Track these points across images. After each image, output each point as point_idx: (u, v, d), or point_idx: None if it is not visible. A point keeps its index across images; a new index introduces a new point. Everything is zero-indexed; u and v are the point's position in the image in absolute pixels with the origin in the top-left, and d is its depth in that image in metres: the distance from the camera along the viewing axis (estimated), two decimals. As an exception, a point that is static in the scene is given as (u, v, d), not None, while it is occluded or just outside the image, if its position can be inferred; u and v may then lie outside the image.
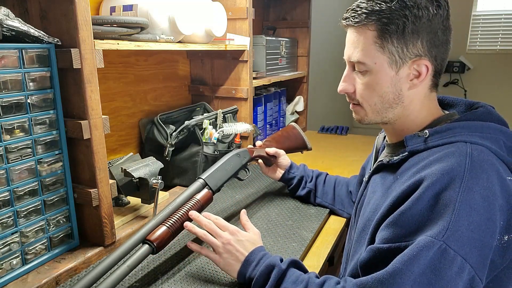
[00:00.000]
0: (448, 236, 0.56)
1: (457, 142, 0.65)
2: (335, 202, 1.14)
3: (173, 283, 0.81)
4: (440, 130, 0.68)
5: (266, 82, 1.71)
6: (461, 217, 0.57)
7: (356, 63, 0.71)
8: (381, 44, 0.68)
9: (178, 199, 0.87)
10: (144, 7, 1.06)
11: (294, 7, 2.14)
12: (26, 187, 0.77)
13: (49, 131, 0.80)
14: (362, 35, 0.69)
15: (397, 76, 0.69)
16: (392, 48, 0.67)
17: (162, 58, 1.45)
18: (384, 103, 0.72)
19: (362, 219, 0.77)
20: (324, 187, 1.17)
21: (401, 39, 0.67)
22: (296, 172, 1.20)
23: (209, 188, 0.93)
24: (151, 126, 1.30)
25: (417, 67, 0.69)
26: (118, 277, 0.71)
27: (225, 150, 1.37)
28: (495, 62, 3.36)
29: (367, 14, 0.67)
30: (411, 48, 0.67)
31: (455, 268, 0.55)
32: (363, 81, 0.72)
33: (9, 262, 0.76)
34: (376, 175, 0.79)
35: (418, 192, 0.60)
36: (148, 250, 0.77)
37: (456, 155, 0.62)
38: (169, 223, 0.81)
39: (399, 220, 0.61)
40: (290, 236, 0.99)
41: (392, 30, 0.66)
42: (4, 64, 0.71)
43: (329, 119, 3.15)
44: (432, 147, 0.67)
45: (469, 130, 0.66)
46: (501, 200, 0.59)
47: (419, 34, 0.66)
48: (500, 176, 0.61)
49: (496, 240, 0.58)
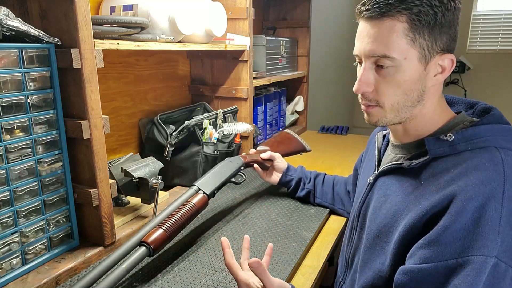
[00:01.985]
0: (498, 251, 0.54)
1: (487, 147, 0.62)
2: (334, 201, 1.14)
3: (173, 283, 0.81)
4: (467, 134, 0.64)
5: (266, 82, 1.71)
6: (507, 229, 0.55)
7: (383, 57, 0.64)
8: (413, 37, 0.62)
9: (173, 204, 0.89)
10: (144, 7, 1.06)
11: (294, 7, 2.14)
12: (26, 187, 0.77)
13: (49, 131, 0.80)
14: (389, 27, 0.63)
15: (424, 72, 0.65)
16: (423, 42, 0.63)
17: (162, 58, 1.45)
18: (407, 101, 0.67)
19: (375, 224, 0.72)
20: (323, 187, 1.17)
21: (432, 32, 0.62)
22: (294, 174, 1.20)
23: (203, 193, 0.94)
24: (151, 126, 1.30)
25: (442, 62, 0.65)
26: (115, 278, 0.72)
27: (225, 150, 1.37)
28: (495, 62, 3.36)
29: (397, 4, 0.62)
30: (439, 42, 0.64)
31: (508, 280, 0.55)
32: (387, 79, 0.66)
33: (9, 262, 0.76)
34: (386, 178, 0.74)
35: (459, 205, 0.57)
36: (145, 252, 0.78)
37: (493, 162, 0.59)
38: (165, 226, 0.82)
39: (442, 237, 0.57)
40: (290, 236, 0.99)
41: (425, 22, 0.62)
42: (4, 64, 0.71)
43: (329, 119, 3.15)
44: (460, 152, 0.64)
45: (493, 133, 0.64)
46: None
47: (447, 27, 0.63)
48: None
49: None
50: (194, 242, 0.97)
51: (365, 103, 0.70)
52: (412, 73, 0.65)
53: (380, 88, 0.67)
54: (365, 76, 0.67)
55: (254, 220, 1.08)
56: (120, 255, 0.76)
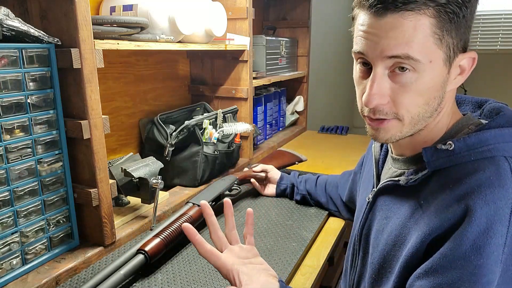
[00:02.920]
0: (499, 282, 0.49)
1: (494, 157, 0.53)
2: (328, 204, 1.14)
3: (173, 283, 0.81)
4: (470, 142, 0.55)
5: (266, 82, 1.71)
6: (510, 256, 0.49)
7: (404, 58, 0.53)
8: (441, 35, 0.52)
9: (170, 218, 0.93)
10: (144, 7, 1.06)
11: (294, 7, 2.14)
12: (26, 187, 0.77)
13: (49, 131, 0.80)
14: (413, 22, 0.51)
15: (448, 75, 0.56)
16: (450, 41, 0.53)
17: (162, 58, 1.45)
18: (427, 112, 0.57)
19: (377, 252, 0.65)
20: (316, 190, 1.17)
21: (458, 29, 0.53)
22: (286, 182, 1.22)
23: (199, 206, 0.98)
24: (151, 126, 1.30)
25: (462, 62, 0.57)
26: (113, 283, 0.73)
27: (225, 150, 1.37)
28: (495, 62, 3.36)
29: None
30: (463, 39, 0.55)
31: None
32: (407, 86, 0.54)
33: (9, 262, 0.76)
34: (386, 197, 0.66)
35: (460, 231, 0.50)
36: (142, 260, 0.80)
37: (499, 176, 0.51)
38: (162, 235, 0.85)
39: (440, 267, 0.51)
40: (290, 236, 0.99)
41: (453, 19, 0.52)
42: (4, 64, 0.71)
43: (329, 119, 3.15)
44: (461, 163, 0.55)
45: (502, 139, 0.55)
46: None
47: (470, 21, 0.55)
48: None
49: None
50: (194, 242, 0.97)
51: (376, 116, 0.58)
52: (436, 78, 0.55)
53: (397, 98, 0.55)
54: (380, 85, 0.55)
55: (254, 220, 1.07)
56: (118, 264, 0.79)
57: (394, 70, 0.55)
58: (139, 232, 1.00)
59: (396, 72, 0.55)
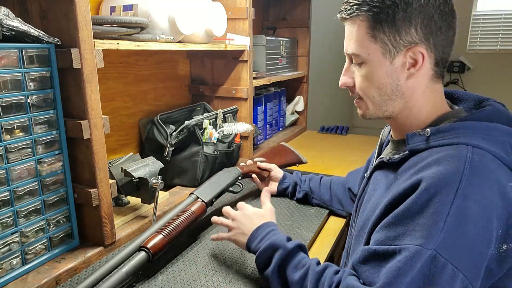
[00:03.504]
0: (439, 244, 0.55)
1: (459, 144, 0.62)
2: (332, 202, 1.15)
3: (173, 283, 0.81)
4: (443, 129, 0.65)
5: (266, 82, 1.71)
6: (454, 225, 0.55)
7: (352, 55, 0.70)
8: (373, 34, 0.66)
9: (172, 211, 0.91)
10: (144, 7, 1.06)
11: (294, 7, 2.14)
12: (26, 187, 0.77)
13: (49, 131, 0.80)
14: (355, 26, 0.69)
15: (392, 65, 0.67)
16: (384, 37, 0.66)
17: (162, 58, 1.45)
18: (383, 95, 0.70)
19: (362, 216, 0.76)
20: (320, 188, 1.18)
21: (393, 27, 0.65)
22: (289, 181, 1.22)
23: (202, 201, 0.97)
24: (151, 126, 1.30)
25: (413, 54, 0.66)
26: (116, 282, 0.73)
27: (225, 150, 1.37)
28: (495, 62, 3.36)
29: (358, 5, 0.67)
30: (404, 35, 0.65)
31: (445, 277, 0.54)
32: (360, 73, 0.71)
33: (9, 262, 0.76)
34: (378, 172, 0.77)
35: (414, 196, 0.59)
36: (144, 257, 0.79)
37: (456, 158, 0.59)
38: (165, 231, 0.84)
39: (392, 223, 0.61)
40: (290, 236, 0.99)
41: (383, 19, 0.65)
42: (4, 64, 0.71)
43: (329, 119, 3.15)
44: (433, 147, 0.64)
45: (473, 131, 0.63)
46: (500, 208, 0.57)
47: (411, 20, 0.64)
48: (501, 184, 0.58)
49: (494, 249, 0.57)
50: (194, 242, 0.97)
51: (352, 95, 0.77)
52: (378, 68, 0.68)
53: (357, 82, 0.73)
54: (345, 71, 0.75)
55: (254, 220, 1.07)
56: (120, 259, 0.78)
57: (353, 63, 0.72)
58: (139, 232, 1.00)
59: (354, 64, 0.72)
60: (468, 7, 3.37)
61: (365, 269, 0.62)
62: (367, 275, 0.61)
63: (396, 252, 0.58)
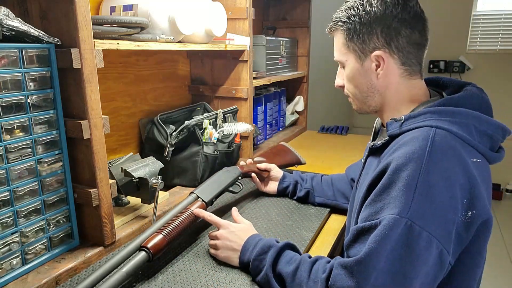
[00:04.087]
0: (411, 213, 0.62)
1: (424, 127, 0.70)
2: (336, 197, 1.15)
3: (173, 283, 0.81)
4: (414, 115, 0.73)
5: (266, 82, 1.71)
6: (423, 196, 0.63)
7: (337, 61, 0.85)
8: (347, 44, 0.80)
9: (173, 210, 0.91)
10: (144, 7, 1.06)
11: (294, 7, 2.14)
12: (26, 187, 0.77)
13: (49, 131, 0.80)
14: (336, 38, 0.83)
15: (363, 68, 0.80)
16: (354, 46, 0.79)
17: (162, 58, 1.45)
18: (362, 92, 0.82)
19: (356, 198, 0.83)
20: (322, 185, 1.18)
21: (359, 37, 0.78)
22: (290, 180, 1.23)
23: (202, 201, 0.97)
24: (151, 126, 1.30)
25: (377, 58, 0.77)
26: (116, 282, 0.72)
27: (225, 150, 1.37)
28: (495, 62, 3.36)
29: (336, 22, 0.81)
30: (368, 43, 0.77)
31: (423, 243, 0.61)
32: (344, 76, 0.85)
33: (9, 262, 0.76)
34: (370, 157, 0.85)
35: (387, 174, 0.67)
36: (144, 257, 0.79)
37: (420, 139, 0.67)
38: (165, 231, 0.84)
39: (372, 200, 0.68)
40: (290, 236, 0.99)
41: (351, 32, 0.78)
42: (4, 64, 0.71)
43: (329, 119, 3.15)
44: (405, 132, 0.73)
45: (439, 115, 0.71)
46: (462, 180, 0.65)
47: (371, 30, 0.76)
48: (461, 158, 0.66)
49: (461, 216, 0.64)
50: (194, 242, 0.97)
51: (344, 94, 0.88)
52: (354, 71, 0.81)
53: (344, 83, 0.86)
54: (338, 74, 0.88)
55: (254, 220, 1.08)
56: (120, 259, 0.77)
57: None
58: (139, 232, 1.00)
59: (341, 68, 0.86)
60: (468, 7, 3.37)
61: (355, 245, 0.68)
62: (357, 250, 0.67)
63: (378, 224, 0.65)
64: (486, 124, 0.71)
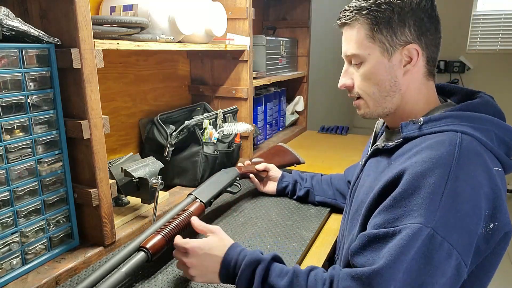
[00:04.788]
0: (436, 223, 0.58)
1: (449, 131, 0.66)
2: (336, 196, 1.15)
3: (173, 282, 0.81)
4: (434, 118, 0.70)
5: (266, 82, 1.71)
6: (448, 205, 0.59)
7: (352, 56, 0.76)
8: (372, 35, 0.72)
9: (171, 212, 0.91)
10: (144, 7, 1.06)
11: (294, 7, 2.14)
12: (26, 187, 0.77)
13: (49, 131, 0.80)
14: (354, 30, 0.74)
15: (390, 63, 0.73)
16: (382, 38, 0.72)
17: (162, 58, 1.45)
18: (382, 91, 0.75)
19: (356, 201, 0.79)
20: (322, 184, 1.18)
21: (389, 28, 0.71)
22: (289, 179, 1.22)
23: (200, 201, 0.97)
24: (151, 126, 1.30)
25: (408, 52, 0.72)
26: (115, 282, 0.72)
27: (225, 150, 1.37)
28: (495, 62, 3.36)
29: (357, 10, 0.73)
30: (400, 35, 0.71)
31: (443, 254, 0.58)
32: (359, 73, 0.76)
33: (9, 262, 0.76)
34: (372, 159, 0.81)
35: (408, 178, 0.62)
36: (144, 257, 0.79)
37: (447, 144, 0.63)
38: (164, 232, 0.84)
39: (390, 206, 0.63)
40: (290, 236, 0.99)
41: (380, 22, 0.71)
42: (4, 64, 0.71)
43: (329, 119, 3.15)
44: (425, 134, 0.69)
45: (461, 120, 0.68)
46: (487, 189, 0.61)
47: (405, 22, 0.71)
48: (487, 166, 0.63)
49: (482, 228, 0.61)
50: (194, 242, 0.97)
51: (350, 96, 0.81)
52: (377, 66, 0.74)
53: (356, 82, 0.77)
54: (344, 73, 0.80)
55: (254, 220, 1.08)
56: (119, 259, 0.77)
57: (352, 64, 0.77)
58: (139, 232, 0.99)
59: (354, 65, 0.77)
60: (468, 7, 3.37)
61: (366, 253, 0.64)
62: (368, 259, 0.63)
63: (397, 232, 0.60)
64: (504, 131, 0.69)
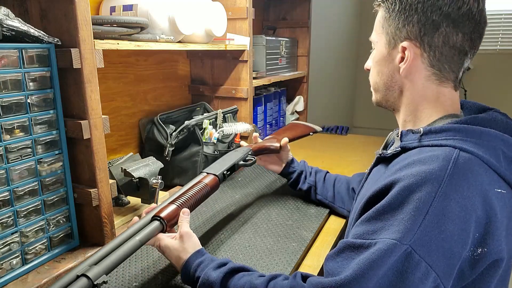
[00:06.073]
0: (415, 241, 0.55)
1: (447, 146, 0.62)
2: (335, 199, 1.14)
3: (173, 282, 0.81)
4: (435, 130, 0.65)
5: (266, 82, 1.71)
6: (433, 223, 0.55)
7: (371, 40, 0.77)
8: (383, 23, 0.71)
9: (185, 186, 0.89)
10: (144, 7, 1.06)
11: (294, 7, 2.14)
12: (26, 187, 0.77)
13: (49, 131, 0.80)
14: (378, 15, 0.74)
15: (388, 56, 0.72)
16: (388, 28, 0.70)
17: (162, 58, 1.45)
18: (380, 82, 0.75)
19: (354, 208, 0.78)
20: (324, 184, 1.17)
21: (395, 19, 0.68)
22: (297, 167, 1.20)
23: (214, 174, 0.95)
24: (151, 126, 1.30)
25: (402, 49, 0.68)
26: (129, 248, 0.69)
27: (225, 150, 1.37)
28: (495, 62, 3.36)
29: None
30: (402, 29, 0.68)
31: (418, 274, 0.54)
32: (371, 57, 0.77)
33: (9, 262, 0.76)
34: (375, 168, 0.79)
35: (395, 191, 0.59)
36: (158, 226, 0.77)
37: (440, 159, 0.59)
38: (178, 202, 0.82)
39: (371, 218, 0.60)
40: (290, 236, 0.99)
41: (389, 10, 0.70)
42: (4, 64, 0.71)
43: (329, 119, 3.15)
44: (422, 147, 0.65)
45: (463, 134, 0.62)
46: (480, 212, 0.57)
47: (408, 16, 0.67)
48: (483, 188, 0.58)
49: (469, 252, 0.57)
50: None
51: None
52: (380, 55, 0.73)
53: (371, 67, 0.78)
54: (370, 55, 0.78)
55: (254, 220, 1.08)
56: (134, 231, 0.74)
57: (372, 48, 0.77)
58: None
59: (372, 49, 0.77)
60: (468, 7, 3.36)
61: (338, 259, 0.61)
62: (339, 265, 0.60)
63: (371, 245, 0.57)
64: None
